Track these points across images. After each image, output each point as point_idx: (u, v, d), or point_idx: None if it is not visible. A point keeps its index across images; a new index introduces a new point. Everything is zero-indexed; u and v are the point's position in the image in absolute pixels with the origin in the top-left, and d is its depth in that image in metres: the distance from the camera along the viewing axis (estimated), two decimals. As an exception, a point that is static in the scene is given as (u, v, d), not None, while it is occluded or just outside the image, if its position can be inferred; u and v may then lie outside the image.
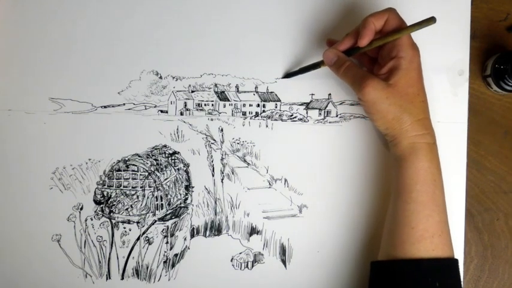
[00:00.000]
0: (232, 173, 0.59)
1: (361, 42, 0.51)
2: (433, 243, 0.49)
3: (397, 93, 0.49)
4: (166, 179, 0.59)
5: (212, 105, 0.60)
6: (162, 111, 0.59)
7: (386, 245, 0.52)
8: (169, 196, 0.59)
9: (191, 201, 0.59)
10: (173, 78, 0.60)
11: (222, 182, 0.59)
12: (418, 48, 0.52)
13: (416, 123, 0.50)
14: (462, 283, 0.52)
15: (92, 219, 0.59)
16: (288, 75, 0.59)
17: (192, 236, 0.59)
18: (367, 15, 0.52)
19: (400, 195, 0.51)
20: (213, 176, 0.59)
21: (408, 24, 0.51)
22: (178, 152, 0.59)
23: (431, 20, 0.49)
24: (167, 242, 0.58)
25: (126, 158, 0.59)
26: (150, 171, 0.59)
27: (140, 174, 0.59)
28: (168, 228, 0.59)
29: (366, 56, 0.56)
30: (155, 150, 0.59)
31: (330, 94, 0.59)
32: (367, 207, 0.58)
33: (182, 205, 0.59)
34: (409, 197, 0.50)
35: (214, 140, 0.59)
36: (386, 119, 0.50)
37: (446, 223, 0.50)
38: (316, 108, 0.59)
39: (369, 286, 0.52)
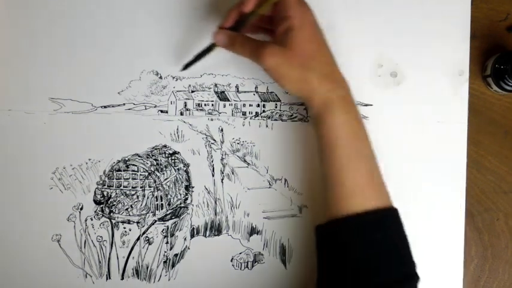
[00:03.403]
0: (232, 173, 0.59)
1: (246, 8, 0.50)
2: (365, 196, 0.48)
3: (296, 53, 0.48)
4: (166, 179, 0.59)
5: (212, 105, 0.60)
6: (162, 111, 0.59)
7: (324, 207, 0.51)
8: (169, 196, 0.59)
9: (191, 201, 0.59)
10: (173, 78, 0.60)
11: (222, 182, 0.59)
12: (307, 3, 0.50)
13: (323, 78, 0.49)
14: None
15: (92, 219, 0.59)
16: (186, 66, 0.57)
17: (192, 236, 0.59)
18: None
19: (324, 155, 0.50)
20: (213, 176, 0.59)
21: None
22: (178, 152, 0.59)
23: None
24: (167, 242, 0.58)
25: (126, 158, 0.59)
26: (150, 171, 0.59)
27: (140, 174, 0.59)
28: (168, 228, 0.59)
29: (266, 29, 0.55)
30: (155, 150, 0.59)
31: (330, 94, 0.59)
32: (367, 207, 0.58)
33: (182, 205, 0.59)
34: (333, 155, 0.49)
35: (214, 140, 0.59)
36: (292, 82, 0.49)
37: (376, 173, 0.49)
38: (316, 108, 0.59)
39: (317, 251, 0.51)
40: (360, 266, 0.46)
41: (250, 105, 0.60)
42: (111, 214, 0.59)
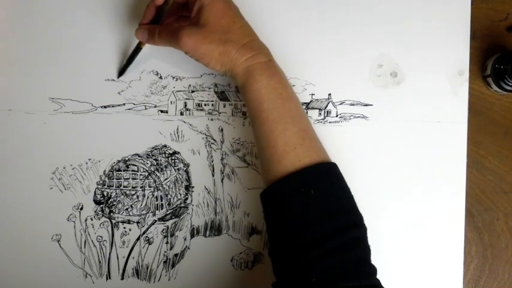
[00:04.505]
0: (232, 173, 0.59)
1: (158, 1, 0.52)
2: (297, 155, 0.48)
3: (211, 29, 0.49)
4: (166, 179, 0.59)
5: (212, 105, 0.60)
6: (162, 111, 0.59)
7: (262, 173, 0.51)
8: (169, 196, 0.59)
9: (191, 201, 0.59)
10: (173, 78, 0.60)
11: (222, 182, 0.59)
12: None
13: (242, 48, 0.50)
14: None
15: (92, 219, 0.59)
16: (120, 72, 0.59)
17: (192, 236, 0.59)
18: None
19: (254, 120, 0.50)
20: (213, 176, 0.59)
21: None
22: (178, 152, 0.59)
23: None
24: (167, 242, 0.58)
25: (126, 158, 0.59)
26: (150, 171, 0.59)
27: (140, 174, 0.59)
28: (168, 228, 0.59)
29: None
30: (155, 150, 0.59)
31: (330, 94, 0.59)
32: (366, 207, 0.58)
33: (182, 205, 0.59)
34: (260, 119, 0.49)
35: (214, 140, 0.59)
36: (214, 57, 0.50)
37: (307, 132, 0.50)
38: (316, 108, 0.59)
39: (264, 220, 0.51)
40: (299, 221, 0.46)
41: (250, 105, 0.59)
42: (111, 214, 0.59)
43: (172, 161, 0.59)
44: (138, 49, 0.57)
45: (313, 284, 0.44)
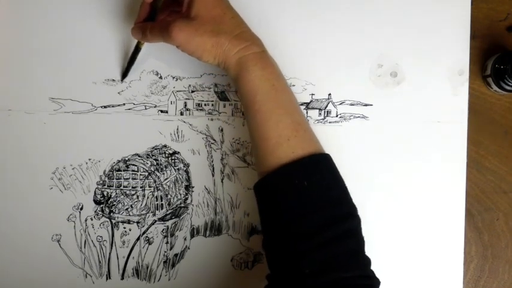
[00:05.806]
0: (232, 173, 0.59)
1: None
2: (291, 146, 0.48)
3: (203, 22, 0.49)
4: (166, 179, 0.59)
5: (212, 105, 0.60)
6: (162, 111, 0.59)
7: (255, 165, 0.51)
8: (169, 196, 0.59)
9: (191, 201, 0.59)
10: (173, 78, 0.60)
11: (222, 182, 0.59)
12: None
13: (235, 39, 0.49)
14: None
15: (92, 219, 0.59)
16: (123, 75, 0.59)
17: (192, 236, 0.59)
18: None
19: (247, 112, 0.50)
20: (213, 176, 0.59)
21: None
22: (178, 152, 0.59)
23: None
24: (167, 242, 0.59)
25: (126, 158, 0.59)
26: (150, 171, 0.59)
27: (140, 174, 0.59)
28: (168, 228, 0.59)
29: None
30: (155, 150, 0.59)
31: (330, 94, 0.59)
32: (366, 207, 0.58)
33: (182, 205, 0.59)
34: (253, 111, 0.49)
35: (214, 140, 0.59)
36: (207, 49, 0.49)
37: (300, 123, 0.49)
38: (316, 108, 0.59)
39: (258, 211, 0.51)
40: (293, 213, 0.46)
41: (250, 105, 0.59)
42: (111, 214, 0.59)
43: (172, 161, 0.59)
44: (137, 49, 0.57)
45: (307, 276, 0.44)
